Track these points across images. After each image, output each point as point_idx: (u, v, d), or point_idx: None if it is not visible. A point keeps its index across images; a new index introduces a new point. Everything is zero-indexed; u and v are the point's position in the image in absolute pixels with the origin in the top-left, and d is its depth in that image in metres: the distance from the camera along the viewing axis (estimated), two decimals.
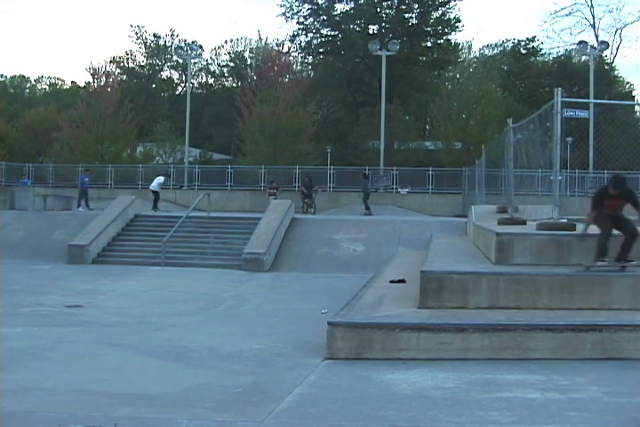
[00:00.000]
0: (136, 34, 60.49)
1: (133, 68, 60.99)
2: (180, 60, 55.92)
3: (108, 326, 9.70)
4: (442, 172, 37.16)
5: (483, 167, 19.10)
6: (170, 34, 60.40)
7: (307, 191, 30.08)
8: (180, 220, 20.92)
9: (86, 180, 28.87)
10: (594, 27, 54.86)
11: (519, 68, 55.01)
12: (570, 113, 9.96)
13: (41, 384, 6.08)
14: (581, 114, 10.81)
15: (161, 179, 27.85)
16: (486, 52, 63.22)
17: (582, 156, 35.48)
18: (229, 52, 63.99)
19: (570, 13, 55.98)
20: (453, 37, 56.60)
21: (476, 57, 63.39)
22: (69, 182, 39.12)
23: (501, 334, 6.81)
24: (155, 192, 27.19)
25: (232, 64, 63.67)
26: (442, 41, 55.62)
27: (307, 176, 32.01)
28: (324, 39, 56.37)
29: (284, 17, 55.61)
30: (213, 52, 64.39)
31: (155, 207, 26.55)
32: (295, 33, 55.90)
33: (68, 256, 19.26)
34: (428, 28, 54.85)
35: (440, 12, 54.48)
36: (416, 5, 54.32)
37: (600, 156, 30.58)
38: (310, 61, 59.78)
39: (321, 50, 56.73)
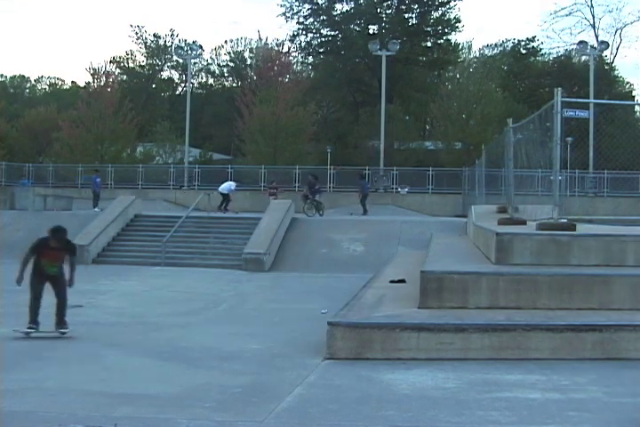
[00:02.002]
0: (136, 34, 60.50)
1: (133, 68, 60.97)
2: (180, 60, 55.89)
3: (108, 326, 9.71)
4: (442, 172, 37.14)
5: (483, 167, 19.09)
6: (170, 34, 60.43)
7: (306, 191, 28.03)
8: (180, 220, 20.95)
9: (98, 180, 28.92)
10: (594, 27, 54.89)
11: (519, 68, 54.98)
12: (570, 113, 9.98)
13: (41, 384, 6.08)
14: (581, 114, 10.83)
15: (232, 184, 27.82)
16: (486, 52, 63.23)
17: (582, 156, 35.49)
18: (229, 52, 63.98)
19: (570, 13, 55.99)
20: (453, 37, 56.66)
21: (475, 57, 63.39)
22: (69, 182, 39.17)
23: (501, 334, 6.81)
24: (224, 195, 27.12)
25: (232, 64, 63.66)
26: (442, 41, 55.60)
27: (310, 174, 29.87)
28: (323, 39, 56.36)
29: (284, 17, 55.65)
30: (213, 52, 64.42)
31: (224, 208, 26.40)
32: (295, 33, 55.92)
33: None
34: (428, 28, 54.85)
35: (440, 12, 54.48)
36: (416, 5, 54.29)
37: (600, 156, 30.61)
38: (310, 61, 59.79)
39: (321, 50, 56.72)
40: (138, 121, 45.00)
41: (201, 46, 47.10)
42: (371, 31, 54.13)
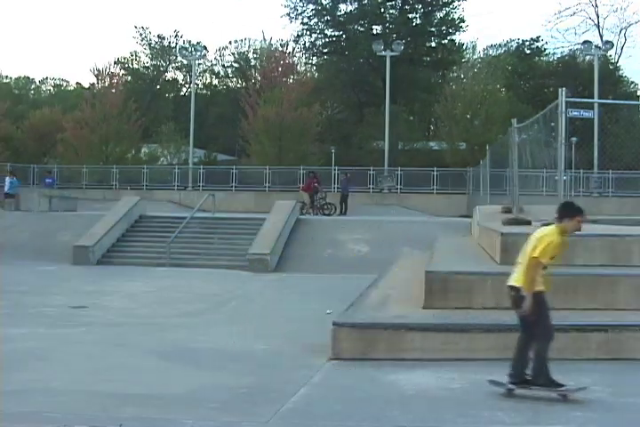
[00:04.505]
0: (140, 35, 60.65)
1: (138, 70, 61.08)
2: (185, 61, 55.97)
3: (113, 326, 9.72)
4: (446, 172, 37.15)
5: (487, 167, 19.08)
6: (174, 35, 60.55)
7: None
8: (185, 220, 20.96)
9: (48, 181, 29.18)
10: (598, 26, 54.88)
11: (523, 68, 54.90)
12: (574, 113, 9.95)
13: (47, 385, 6.09)
14: (586, 114, 10.79)
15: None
16: (490, 52, 63.12)
17: (587, 156, 35.44)
18: (234, 53, 64.03)
19: (574, 13, 56.07)
20: (457, 38, 56.61)
21: (480, 57, 63.30)
22: (74, 183, 39.30)
23: (506, 335, 6.79)
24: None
25: (236, 65, 63.71)
26: (446, 41, 55.57)
27: (311, 172, 31.67)
28: (327, 39, 56.36)
29: (287, 17, 55.69)
30: (218, 52, 64.51)
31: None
32: (299, 33, 55.95)
33: (74, 257, 19.30)
34: (432, 29, 54.78)
35: (444, 12, 54.43)
36: (420, 5, 54.28)
37: (605, 155, 30.58)
38: (314, 62, 59.81)
39: (325, 50, 56.73)
40: (142, 122, 45.08)
41: (205, 47, 47.11)
42: (375, 31, 54.10)
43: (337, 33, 55.89)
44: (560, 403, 5.38)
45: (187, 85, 62.66)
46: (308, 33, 55.94)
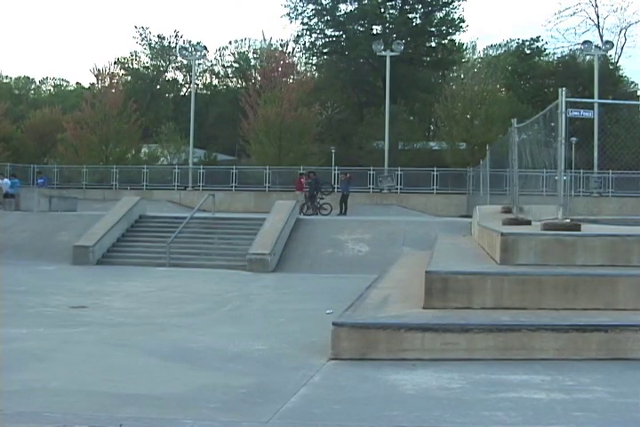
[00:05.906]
0: (140, 35, 60.68)
1: (138, 70, 61.11)
2: (185, 61, 55.98)
3: (113, 326, 9.71)
4: (446, 172, 37.16)
5: (487, 167, 19.08)
6: (174, 35, 60.59)
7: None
8: (185, 220, 20.97)
9: (39, 181, 29.31)
10: (598, 26, 54.95)
11: (523, 68, 54.93)
12: (574, 113, 9.94)
13: (46, 385, 6.09)
14: (586, 114, 10.77)
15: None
16: (490, 52, 63.15)
17: (587, 156, 35.46)
18: (234, 53, 64.08)
19: (574, 13, 56.20)
20: (457, 38, 56.64)
21: (480, 57, 63.31)
22: (74, 183, 39.34)
23: (506, 335, 6.80)
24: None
25: (236, 65, 63.73)
26: (446, 41, 55.59)
27: (311, 172, 31.79)
28: (327, 39, 56.37)
29: (287, 17, 55.72)
30: (218, 52, 64.56)
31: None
32: (299, 33, 55.97)
33: (73, 257, 19.32)
34: (432, 29, 54.80)
35: (444, 12, 54.45)
36: (420, 5, 54.29)
37: (605, 156, 30.60)
38: (314, 62, 59.82)
39: (325, 50, 56.75)
40: (142, 122, 45.11)
41: (205, 47, 47.11)
42: (375, 31, 54.12)
43: (337, 33, 55.90)
44: (560, 403, 5.38)
45: (187, 85, 62.68)
46: (308, 33, 55.96)
